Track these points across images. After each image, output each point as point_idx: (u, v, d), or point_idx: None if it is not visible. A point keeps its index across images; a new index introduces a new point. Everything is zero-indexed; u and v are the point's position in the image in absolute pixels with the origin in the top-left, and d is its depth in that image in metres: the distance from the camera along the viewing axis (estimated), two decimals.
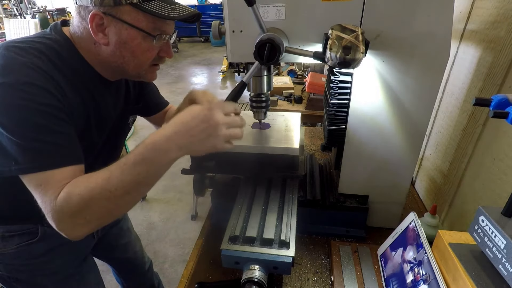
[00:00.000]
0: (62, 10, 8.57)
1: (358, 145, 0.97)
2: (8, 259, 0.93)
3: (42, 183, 0.65)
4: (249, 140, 1.00)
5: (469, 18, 1.05)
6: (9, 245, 0.91)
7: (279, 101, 2.67)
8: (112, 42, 0.74)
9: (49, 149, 0.66)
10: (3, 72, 0.64)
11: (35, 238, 0.92)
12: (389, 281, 0.83)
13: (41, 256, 0.96)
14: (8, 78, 0.63)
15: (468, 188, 1.01)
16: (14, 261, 0.94)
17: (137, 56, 0.78)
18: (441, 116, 1.23)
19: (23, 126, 0.64)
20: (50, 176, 0.65)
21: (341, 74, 0.89)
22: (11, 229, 0.90)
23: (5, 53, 0.67)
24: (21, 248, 0.92)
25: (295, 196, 0.97)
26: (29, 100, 0.64)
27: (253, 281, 0.75)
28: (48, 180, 0.65)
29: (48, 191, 0.64)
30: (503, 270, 0.56)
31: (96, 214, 0.66)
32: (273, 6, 0.79)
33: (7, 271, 0.96)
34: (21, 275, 0.97)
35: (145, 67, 0.81)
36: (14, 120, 0.64)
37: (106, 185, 0.63)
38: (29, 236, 0.92)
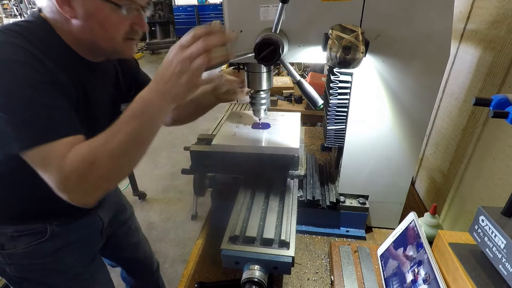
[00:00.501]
0: None
1: (358, 145, 0.97)
2: (18, 259, 0.93)
3: (44, 156, 0.66)
4: (249, 140, 1.00)
5: (469, 18, 1.05)
6: (19, 245, 0.91)
7: (279, 101, 2.67)
8: (80, 15, 0.73)
9: (43, 123, 0.67)
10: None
11: (44, 237, 0.93)
12: (389, 281, 0.83)
13: (50, 255, 0.96)
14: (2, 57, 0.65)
15: (468, 188, 1.01)
16: (24, 261, 0.94)
17: (107, 29, 0.75)
18: (441, 116, 1.23)
19: (13, 103, 0.65)
20: (51, 149, 0.66)
21: (341, 74, 0.89)
22: (20, 229, 0.90)
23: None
24: (30, 248, 0.92)
25: (295, 196, 0.97)
26: (14, 77, 0.65)
27: (253, 281, 0.75)
28: (50, 152, 0.65)
29: (51, 163, 0.65)
30: (503, 270, 0.56)
31: (101, 175, 0.67)
32: (273, 6, 0.79)
33: (17, 271, 0.96)
34: (31, 275, 0.98)
35: (118, 41, 0.79)
36: (3, 98, 0.65)
37: (106, 145, 0.66)
38: (38, 236, 0.92)
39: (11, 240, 0.90)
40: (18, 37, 0.69)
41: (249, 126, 1.09)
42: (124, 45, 0.81)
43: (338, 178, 1.08)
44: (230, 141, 1.00)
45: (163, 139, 4.12)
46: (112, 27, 0.76)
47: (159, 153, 3.78)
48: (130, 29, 0.79)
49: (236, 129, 1.07)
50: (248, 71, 0.92)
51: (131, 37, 0.81)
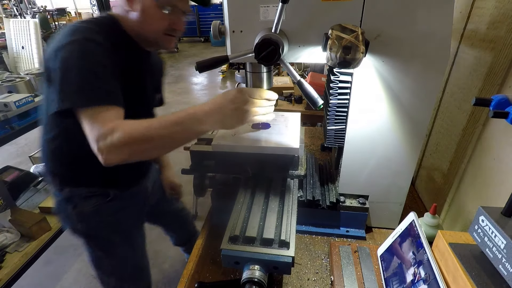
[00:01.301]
0: (62, 10, 8.57)
1: (358, 145, 0.97)
2: (87, 217, 1.14)
3: (93, 116, 0.81)
4: (249, 140, 1.00)
5: (469, 18, 1.05)
6: (88, 204, 1.12)
7: (279, 101, 2.67)
8: (137, 9, 0.95)
9: (101, 91, 0.84)
10: (73, 33, 0.87)
11: (107, 199, 1.14)
12: (389, 281, 0.82)
13: (110, 215, 1.18)
14: (76, 37, 0.86)
15: (468, 188, 1.01)
16: (91, 219, 1.15)
17: (151, 23, 0.97)
18: (441, 116, 1.23)
19: (83, 71, 0.83)
20: (100, 112, 0.82)
21: (341, 74, 0.89)
22: (91, 190, 1.12)
23: (73, 25, 0.92)
24: (96, 208, 1.13)
25: (295, 196, 0.97)
26: (89, 52, 0.85)
27: (253, 281, 0.75)
28: (98, 114, 0.82)
29: (97, 123, 0.80)
30: (503, 270, 0.56)
31: (131, 151, 0.80)
32: (273, 6, 0.79)
33: (85, 228, 1.17)
34: (95, 232, 1.20)
35: (159, 34, 0.99)
36: (78, 67, 0.83)
37: (146, 131, 0.78)
38: (103, 197, 1.13)
39: (83, 200, 1.11)
40: (92, 26, 0.92)
41: (249, 126, 1.09)
42: (164, 38, 1.01)
43: (338, 178, 1.08)
44: (230, 141, 1.00)
45: None
46: (155, 21, 0.97)
47: None
48: (169, 27, 0.98)
49: (236, 129, 1.07)
50: (248, 71, 0.92)
51: (170, 34, 1.01)
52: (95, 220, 1.16)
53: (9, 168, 2.21)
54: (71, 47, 0.84)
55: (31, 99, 2.22)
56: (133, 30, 1.00)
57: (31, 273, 1.93)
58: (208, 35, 10.43)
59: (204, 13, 10.04)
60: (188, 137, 0.81)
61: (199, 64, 0.82)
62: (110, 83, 0.87)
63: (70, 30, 0.88)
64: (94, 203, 1.12)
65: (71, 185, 1.10)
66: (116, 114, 0.84)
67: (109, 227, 1.20)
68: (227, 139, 1.01)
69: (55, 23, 7.95)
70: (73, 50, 0.83)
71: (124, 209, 1.20)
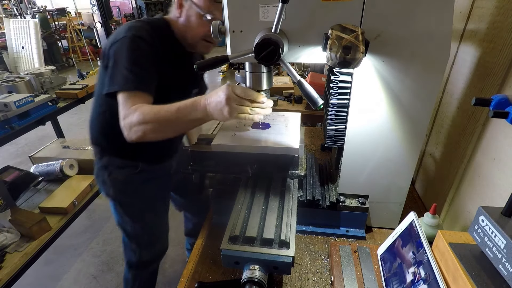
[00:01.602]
0: (62, 10, 8.57)
1: (358, 145, 0.97)
2: (119, 184, 1.32)
3: (126, 98, 0.99)
4: (249, 140, 1.00)
5: (469, 18, 1.05)
6: (121, 173, 1.30)
7: (279, 101, 2.67)
8: (183, 15, 1.13)
9: (140, 79, 1.02)
10: (128, 30, 1.05)
11: (137, 170, 1.31)
12: (389, 281, 0.82)
13: (139, 185, 1.35)
14: (129, 33, 1.04)
15: (468, 188, 1.01)
16: (122, 187, 1.33)
17: (193, 28, 1.13)
18: (441, 116, 1.23)
19: (132, 62, 1.01)
20: (131, 96, 1.00)
21: (341, 74, 0.89)
22: (123, 162, 1.30)
23: (130, 23, 1.10)
24: (128, 177, 1.31)
25: (295, 196, 0.97)
26: (137, 47, 1.04)
27: (253, 281, 0.75)
28: (129, 97, 0.99)
29: (128, 104, 0.98)
30: (503, 270, 0.56)
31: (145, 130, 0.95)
32: (273, 6, 0.79)
33: (116, 194, 1.35)
34: (125, 198, 1.37)
35: (198, 38, 1.14)
36: (127, 58, 1.01)
37: (156, 115, 0.94)
38: (133, 169, 1.31)
39: (117, 169, 1.30)
40: (145, 25, 1.09)
41: (249, 126, 1.09)
42: (202, 44, 1.17)
43: (338, 178, 1.08)
44: (230, 141, 1.00)
45: None
46: (196, 27, 1.12)
47: None
48: (208, 33, 1.04)
49: (236, 129, 1.07)
50: (248, 71, 0.92)
51: (208, 40, 1.15)
52: (125, 188, 1.33)
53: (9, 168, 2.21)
54: (122, 42, 1.03)
55: (31, 99, 2.22)
56: (180, 33, 1.17)
57: (31, 273, 1.93)
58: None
59: None
60: (189, 122, 0.94)
61: (199, 64, 0.82)
62: (147, 74, 1.04)
63: (126, 27, 1.07)
64: (125, 173, 1.30)
65: (108, 155, 1.29)
66: (144, 99, 1.01)
67: (136, 195, 1.37)
68: (227, 139, 1.01)
69: (55, 23, 7.95)
70: (123, 44, 1.03)
71: (150, 181, 1.37)
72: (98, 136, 1.29)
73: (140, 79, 1.02)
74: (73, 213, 2.08)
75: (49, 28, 7.24)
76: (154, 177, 1.38)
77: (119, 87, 1.01)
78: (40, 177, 2.26)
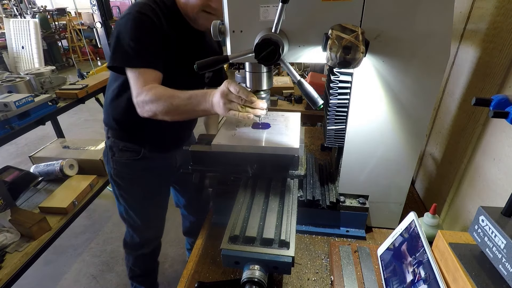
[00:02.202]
0: (62, 10, 8.56)
1: (358, 145, 0.97)
2: (120, 166, 1.37)
3: (136, 75, 1.03)
4: (249, 140, 1.00)
5: (469, 18, 1.05)
6: (123, 156, 1.34)
7: (279, 101, 2.67)
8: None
9: (144, 56, 1.04)
10: (132, 7, 1.07)
11: (139, 156, 1.34)
12: (389, 281, 0.82)
13: (139, 171, 1.38)
14: (132, 10, 1.06)
15: (468, 188, 1.01)
16: (122, 169, 1.37)
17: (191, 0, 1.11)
18: (441, 116, 1.23)
19: (132, 38, 1.03)
20: (141, 73, 1.03)
21: (341, 74, 0.89)
22: (127, 145, 1.33)
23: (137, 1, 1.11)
24: (129, 161, 1.35)
25: (295, 196, 0.97)
26: (139, 24, 1.04)
27: (253, 281, 0.75)
28: (139, 75, 1.03)
29: (139, 82, 1.03)
30: (503, 270, 0.56)
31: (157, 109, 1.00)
32: (273, 6, 0.79)
33: (116, 176, 1.39)
34: (123, 182, 1.40)
35: (197, 9, 1.11)
36: (128, 34, 1.03)
37: (170, 99, 0.98)
38: (135, 153, 1.34)
39: (120, 151, 1.34)
40: (152, 3, 1.08)
41: (249, 126, 1.09)
42: (201, 15, 1.12)
43: (338, 178, 1.08)
44: (230, 141, 1.00)
45: None
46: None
47: None
48: (206, 3, 1.08)
49: (236, 129, 1.07)
50: (248, 71, 0.92)
51: (207, 11, 1.11)
52: (124, 171, 1.38)
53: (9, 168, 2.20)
54: (126, 18, 1.04)
55: (31, 99, 2.22)
56: (183, 10, 1.15)
57: (31, 273, 1.93)
58: None
59: None
60: (198, 111, 0.97)
61: (199, 64, 0.82)
62: (153, 50, 1.06)
63: (131, 5, 1.09)
64: (127, 157, 1.34)
65: (114, 137, 1.33)
66: (154, 77, 1.05)
67: (133, 182, 1.40)
68: (227, 139, 1.01)
69: (55, 23, 7.95)
70: (127, 21, 1.04)
71: (150, 170, 1.39)
72: (109, 118, 1.33)
73: (147, 56, 1.04)
74: (73, 213, 2.08)
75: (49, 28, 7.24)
76: (154, 167, 1.40)
77: (126, 64, 1.04)
78: (40, 177, 2.26)
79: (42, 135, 4.36)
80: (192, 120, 1.50)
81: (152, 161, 1.38)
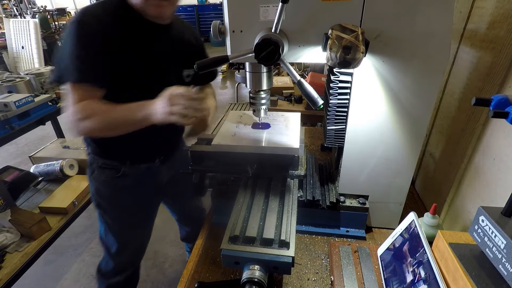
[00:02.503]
0: (62, 10, 8.56)
1: (358, 145, 0.97)
2: (99, 185, 1.26)
3: (70, 91, 0.95)
4: (249, 140, 1.00)
5: (469, 18, 1.05)
6: (102, 174, 1.22)
7: (279, 101, 2.68)
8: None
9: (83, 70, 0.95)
10: (77, 14, 0.96)
11: (118, 174, 1.21)
12: (389, 281, 0.82)
13: (120, 191, 1.26)
14: (74, 18, 0.96)
15: (468, 188, 1.01)
16: (102, 188, 1.26)
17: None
18: (441, 116, 1.23)
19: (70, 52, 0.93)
20: (78, 88, 0.95)
21: (341, 74, 0.89)
22: (106, 162, 1.21)
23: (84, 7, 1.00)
24: (108, 179, 1.23)
25: (295, 196, 0.97)
26: (84, 33, 0.94)
27: (253, 281, 0.75)
28: (76, 90, 0.95)
29: (72, 98, 0.95)
30: (503, 270, 0.56)
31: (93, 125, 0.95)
32: (273, 6, 0.79)
33: (96, 194, 1.28)
34: (102, 201, 1.29)
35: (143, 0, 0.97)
36: (65, 47, 0.94)
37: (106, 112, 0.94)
38: (115, 171, 1.21)
39: (99, 169, 1.22)
40: (97, 7, 0.98)
41: (249, 126, 1.09)
42: (149, 5, 0.99)
43: (338, 178, 1.08)
44: (230, 141, 1.00)
45: None
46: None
47: None
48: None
49: (236, 129, 1.07)
50: (248, 71, 0.92)
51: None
52: (103, 191, 1.26)
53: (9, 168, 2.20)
54: (68, 29, 0.95)
55: (31, 99, 2.22)
56: (134, 3, 1.00)
57: (31, 273, 1.93)
58: (208, 35, 10.40)
59: (204, 13, 10.04)
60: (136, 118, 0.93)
61: (199, 64, 0.82)
62: (91, 63, 0.96)
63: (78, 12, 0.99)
64: (107, 175, 1.22)
65: (93, 153, 1.23)
66: (91, 92, 0.96)
67: (113, 202, 1.29)
68: (227, 139, 1.01)
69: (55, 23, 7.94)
70: (67, 32, 0.95)
71: (133, 188, 1.27)
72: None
73: (86, 71, 0.95)
74: (73, 213, 2.08)
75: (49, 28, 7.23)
76: (137, 186, 1.27)
77: (63, 78, 0.96)
78: (40, 177, 2.26)
79: (42, 135, 4.36)
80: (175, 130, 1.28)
81: (134, 179, 1.25)
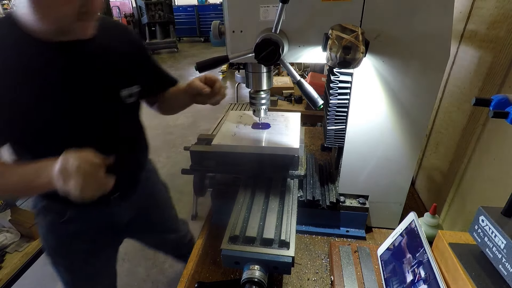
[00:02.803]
0: None
1: (358, 145, 0.97)
2: (43, 230, 1.06)
3: None
4: (249, 140, 1.00)
5: (469, 18, 1.05)
6: (45, 219, 1.04)
7: (279, 101, 2.67)
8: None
9: None
10: None
11: (63, 218, 1.02)
12: (389, 281, 0.83)
13: (64, 237, 1.06)
14: None
15: (468, 188, 1.01)
16: (45, 235, 1.07)
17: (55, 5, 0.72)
18: (441, 116, 1.23)
19: None
20: None
21: (341, 74, 0.89)
22: (49, 204, 1.02)
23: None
24: (50, 225, 1.04)
25: (295, 196, 0.97)
26: None
27: (253, 281, 0.75)
28: None
29: None
30: (503, 270, 0.56)
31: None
32: (273, 6, 0.79)
33: (42, 240, 1.09)
34: (48, 249, 1.10)
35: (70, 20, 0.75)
36: None
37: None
38: (59, 216, 1.02)
39: (41, 213, 1.04)
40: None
41: (249, 126, 1.09)
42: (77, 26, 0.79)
43: (338, 178, 1.08)
44: (230, 141, 1.00)
45: (163, 139, 4.11)
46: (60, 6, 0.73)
47: (159, 153, 3.77)
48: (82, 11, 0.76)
49: (236, 129, 1.07)
50: (248, 71, 0.92)
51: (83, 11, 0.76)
52: (50, 237, 1.07)
53: None
54: None
55: None
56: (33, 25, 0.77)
57: (31, 273, 1.93)
58: (208, 35, 10.43)
59: (204, 13, 10.04)
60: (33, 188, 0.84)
61: (199, 64, 0.82)
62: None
63: None
64: (49, 220, 1.04)
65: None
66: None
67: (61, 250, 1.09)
68: (227, 139, 1.01)
69: None
70: None
71: (82, 234, 1.07)
72: None
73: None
74: None
75: None
76: (87, 229, 1.07)
77: None
78: None
79: None
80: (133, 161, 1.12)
81: (84, 224, 1.06)
